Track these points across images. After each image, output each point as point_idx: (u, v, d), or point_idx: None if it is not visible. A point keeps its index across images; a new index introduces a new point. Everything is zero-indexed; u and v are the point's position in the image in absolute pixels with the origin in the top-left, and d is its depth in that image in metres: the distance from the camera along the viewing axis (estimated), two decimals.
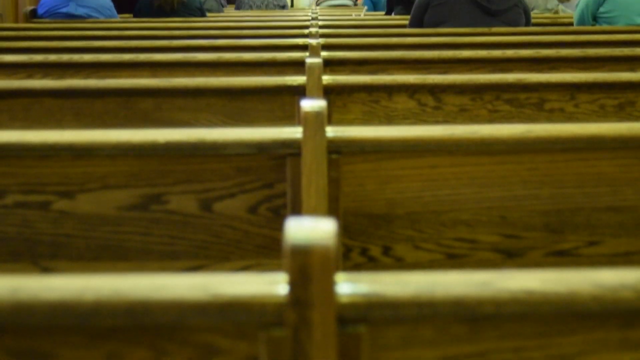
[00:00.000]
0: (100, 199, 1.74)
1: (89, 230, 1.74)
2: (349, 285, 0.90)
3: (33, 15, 6.40)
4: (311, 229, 0.88)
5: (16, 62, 3.29)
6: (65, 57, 3.30)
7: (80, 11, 6.37)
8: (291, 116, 2.63)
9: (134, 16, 6.48)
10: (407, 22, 5.08)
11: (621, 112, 2.70)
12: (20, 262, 1.74)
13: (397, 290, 0.90)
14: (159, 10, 6.26)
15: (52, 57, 3.30)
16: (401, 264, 1.77)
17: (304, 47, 3.78)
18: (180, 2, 6.32)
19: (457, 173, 1.76)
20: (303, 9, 8.72)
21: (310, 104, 1.69)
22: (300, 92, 2.62)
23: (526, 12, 4.82)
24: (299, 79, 2.67)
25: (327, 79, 2.66)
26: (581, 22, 5.00)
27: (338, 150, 1.73)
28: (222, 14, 7.48)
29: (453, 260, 1.78)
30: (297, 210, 1.72)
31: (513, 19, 4.67)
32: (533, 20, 5.15)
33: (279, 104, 2.68)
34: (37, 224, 1.73)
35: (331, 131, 1.72)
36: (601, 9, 4.81)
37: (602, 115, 2.69)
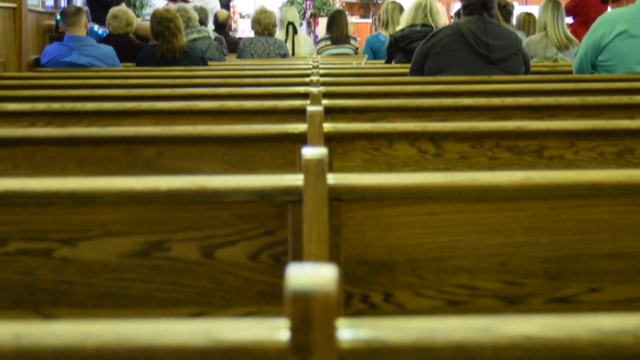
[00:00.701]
0: (102, 246, 1.74)
1: (91, 277, 1.74)
2: (349, 331, 0.90)
3: (36, 64, 6.46)
4: (312, 275, 0.89)
5: (19, 110, 3.31)
6: (68, 106, 3.32)
7: (83, 60, 6.43)
8: (292, 163, 2.64)
9: (137, 65, 6.53)
10: (407, 70, 5.12)
11: (620, 160, 2.71)
12: (22, 309, 1.74)
13: (398, 335, 0.90)
14: (162, 59, 6.31)
15: (55, 106, 3.32)
16: (402, 311, 1.77)
17: (305, 95, 3.81)
18: (183, 51, 6.38)
19: (457, 220, 1.77)
20: (304, 57, 8.77)
21: (311, 152, 1.70)
22: (301, 139, 2.64)
23: (525, 61, 4.87)
24: (300, 127, 2.69)
25: (328, 126, 2.68)
26: (580, 70, 5.03)
27: (339, 197, 1.74)
28: (223, 63, 7.53)
29: (454, 307, 1.78)
30: (298, 257, 1.73)
31: (512, 68, 4.72)
32: (532, 69, 5.20)
33: (281, 151, 2.69)
34: (39, 271, 1.73)
35: (332, 178, 1.73)
36: (600, 57, 4.84)
37: (601, 162, 2.70)
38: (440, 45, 4.77)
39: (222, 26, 10.50)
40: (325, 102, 3.34)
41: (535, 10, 8.63)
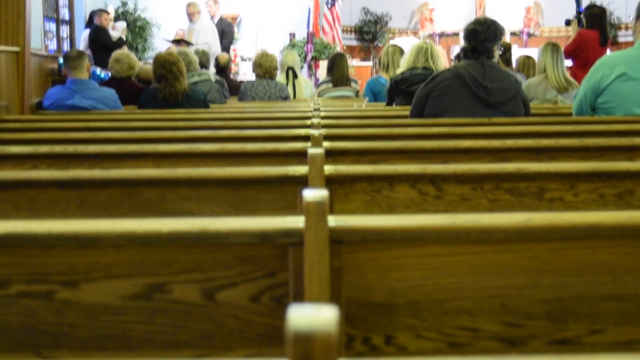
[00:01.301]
0: (103, 288, 1.74)
1: (92, 319, 1.74)
2: None
3: (39, 107, 6.48)
4: (313, 315, 0.89)
5: (22, 153, 3.33)
6: (70, 148, 3.33)
7: (86, 103, 6.46)
8: (293, 206, 2.65)
9: (139, 107, 6.57)
10: (407, 112, 5.15)
11: (620, 201, 2.72)
12: (23, 352, 1.74)
13: None
14: (164, 102, 6.35)
15: (58, 148, 3.34)
16: (404, 353, 1.77)
17: (306, 138, 3.82)
18: (184, 94, 6.41)
19: (458, 262, 1.77)
20: (305, 100, 8.81)
21: (312, 194, 1.71)
22: (302, 182, 2.65)
23: (525, 103, 4.89)
24: (301, 169, 2.69)
25: (329, 169, 2.69)
26: (580, 112, 5.05)
27: (340, 239, 1.74)
28: (225, 106, 7.57)
29: (455, 349, 1.78)
30: (299, 299, 1.73)
31: (512, 110, 4.74)
32: (532, 111, 5.22)
33: (282, 193, 2.70)
34: (40, 314, 1.73)
35: (333, 220, 1.74)
36: (599, 100, 4.86)
37: (601, 204, 2.71)
38: (439, 88, 4.80)
39: (224, 69, 10.57)
40: (326, 144, 3.36)
41: (534, 53, 8.69)
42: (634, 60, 4.78)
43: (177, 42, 12.44)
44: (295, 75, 9.29)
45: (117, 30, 13.59)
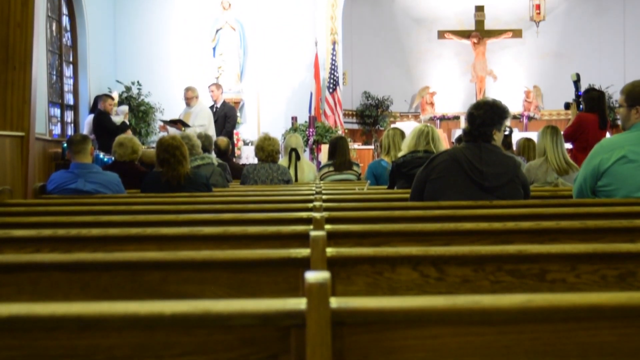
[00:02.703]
0: None
1: None
2: None
3: (42, 191, 6.52)
4: None
5: (24, 236, 3.34)
6: (73, 232, 3.35)
7: (89, 187, 6.50)
8: (295, 288, 2.65)
9: (142, 191, 6.60)
10: (409, 195, 5.17)
11: (622, 283, 2.72)
12: None
13: None
14: (166, 185, 6.38)
15: (61, 232, 3.35)
16: None
17: (308, 221, 3.84)
18: (187, 178, 6.45)
19: (460, 343, 1.77)
20: (307, 183, 8.85)
21: (314, 276, 1.72)
22: (304, 264, 2.65)
23: (524, 186, 4.92)
24: (303, 252, 2.70)
25: (330, 251, 2.69)
26: (580, 195, 5.08)
27: (342, 321, 1.75)
28: (227, 189, 7.61)
29: None
30: None
31: (508, 195, 4.76)
32: (533, 193, 5.24)
33: (284, 276, 2.70)
34: None
35: (335, 302, 1.74)
36: (600, 183, 4.89)
37: (603, 285, 2.71)
38: (437, 170, 4.84)
39: (225, 153, 10.65)
40: (328, 227, 3.37)
41: (534, 136, 8.77)
42: (632, 143, 4.83)
43: (174, 122, 12.61)
44: (298, 157, 9.34)
45: (120, 114, 13.74)
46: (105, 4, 16.93)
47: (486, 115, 4.83)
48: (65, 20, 14.81)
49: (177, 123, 12.58)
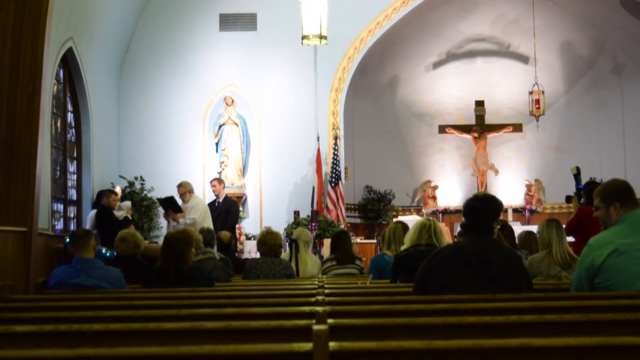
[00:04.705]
0: None
1: None
2: None
3: (44, 286, 6.51)
4: None
5: (26, 331, 3.33)
6: (75, 327, 3.34)
7: (91, 282, 6.49)
8: None
9: (144, 285, 6.58)
10: (412, 288, 5.16)
11: None
12: None
13: None
14: (168, 280, 6.36)
15: (62, 327, 3.34)
16: None
17: (310, 315, 3.82)
18: (189, 272, 6.44)
19: None
20: (310, 277, 8.83)
21: None
22: (307, 358, 2.64)
23: (527, 278, 4.92)
24: (305, 346, 2.69)
25: (333, 345, 2.69)
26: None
27: None
28: (229, 284, 7.59)
29: None
30: None
31: (514, 285, 4.75)
32: (536, 287, 5.23)
33: None
34: None
35: None
36: (597, 280, 4.84)
37: None
38: (441, 264, 4.84)
39: (227, 247, 10.64)
40: (330, 321, 3.36)
41: (534, 229, 8.79)
42: (620, 237, 4.85)
43: (165, 208, 12.81)
44: (297, 248, 9.29)
45: (123, 209, 13.81)
46: (110, 101, 17.18)
47: (490, 208, 4.88)
48: (70, 116, 15.00)
49: (169, 210, 12.79)
